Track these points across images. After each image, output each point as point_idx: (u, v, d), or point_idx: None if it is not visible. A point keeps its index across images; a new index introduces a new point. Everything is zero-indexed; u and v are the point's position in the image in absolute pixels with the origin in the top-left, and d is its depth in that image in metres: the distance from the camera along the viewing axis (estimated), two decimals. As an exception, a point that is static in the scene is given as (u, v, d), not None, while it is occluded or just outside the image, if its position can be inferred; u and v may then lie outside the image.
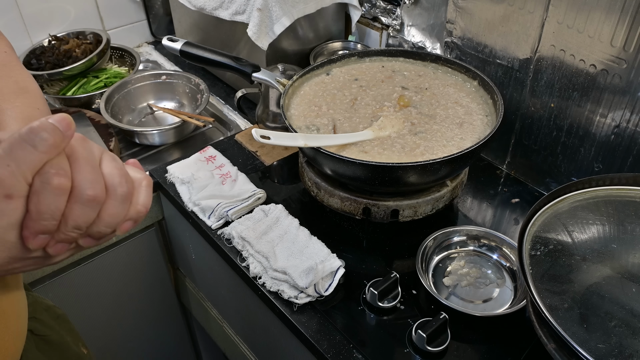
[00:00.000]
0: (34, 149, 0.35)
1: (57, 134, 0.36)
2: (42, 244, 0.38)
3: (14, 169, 0.35)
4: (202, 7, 1.25)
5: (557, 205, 0.76)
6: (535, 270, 0.68)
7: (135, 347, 1.43)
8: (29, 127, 0.35)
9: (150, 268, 1.30)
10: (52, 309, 0.77)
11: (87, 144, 0.40)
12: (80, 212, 0.38)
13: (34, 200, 0.36)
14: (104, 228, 0.40)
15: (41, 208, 0.36)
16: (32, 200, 0.36)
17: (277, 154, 1.13)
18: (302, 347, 0.82)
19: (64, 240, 0.39)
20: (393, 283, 0.82)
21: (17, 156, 0.35)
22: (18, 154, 0.35)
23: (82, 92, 1.35)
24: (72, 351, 0.76)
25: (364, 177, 0.84)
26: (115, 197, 0.40)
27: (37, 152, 0.35)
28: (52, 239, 0.39)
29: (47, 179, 0.36)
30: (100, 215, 0.39)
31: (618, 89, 0.86)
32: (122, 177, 0.40)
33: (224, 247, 0.93)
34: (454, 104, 0.97)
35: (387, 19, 1.26)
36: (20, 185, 0.35)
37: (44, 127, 0.35)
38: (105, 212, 0.40)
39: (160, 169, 1.10)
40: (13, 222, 0.37)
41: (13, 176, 0.35)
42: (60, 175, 0.36)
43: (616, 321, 0.62)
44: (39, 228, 0.37)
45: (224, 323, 1.23)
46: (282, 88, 0.99)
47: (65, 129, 0.36)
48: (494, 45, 1.02)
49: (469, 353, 0.77)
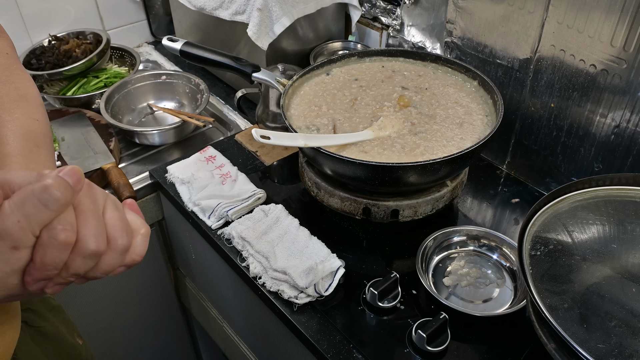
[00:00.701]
0: (46, 207, 0.36)
1: (68, 192, 0.37)
2: (42, 287, 0.40)
3: (24, 224, 0.36)
4: (202, 7, 1.25)
5: (557, 205, 0.76)
6: (535, 270, 0.68)
7: (135, 347, 1.43)
8: (43, 185, 0.36)
9: (150, 268, 1.30)
10: (47, 299, 0.78)
11: (93, 192, 0.41)
12: (81, 263, 0.39)
13: (39, 252, 0.37)
14: (100, 274, 0.42)
15: (46, 260, 0.38)
16: (37, 252, 0.37)
17: (277, 154, 1.13)
18: (302, 347, 0.82)
19: (61, 283, 0.41)
20: (393, 283, 0.82)
21: (28, 213, 0.36)
22: (29, 210, 0.36)
23: (82, 92, 1.35)
24: (67, 342, 0.76)
25: (364, 177, 0.84)
26: (116, 250, 0.41)
27: (48, 210, 0.36)
28: (51, 281, 0.40)
29: (54, 235, 0.37)
30: (98, 264, 0.41)
31: (618, 89, 0.86)
32: (123, 229, 0.42)
33: (224, 247, 0.93)
34: (454, 104, 0.97)
35: (387, 19, 1.26)
36: (28, 239, 0.37)
37: (58, 186, 0.36)
38: (103, 262, 0.41)
39: (160, 169, 1.10)
40: (17, 269, 0.38)
41: (22, 231, 0.36)
42: (67, 231, 0.37)
43: (616, 321, 0.62)
44: (41, 276, 0.38)
45: (224, 323, 1.23)
46: (282, 88, 0.99)
47: (76, 184, 0.37)
48: (494, 45, 1.02)
49: (469, 353, 0.77)
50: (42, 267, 0.38)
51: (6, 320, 0.57)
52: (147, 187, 1.14)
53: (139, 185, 1.13)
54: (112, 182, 1.07)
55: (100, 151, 1.14)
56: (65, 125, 1.20)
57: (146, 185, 1.13)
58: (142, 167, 1.20)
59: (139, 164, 1.21)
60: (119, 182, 1.06)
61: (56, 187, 0.36)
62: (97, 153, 1.13)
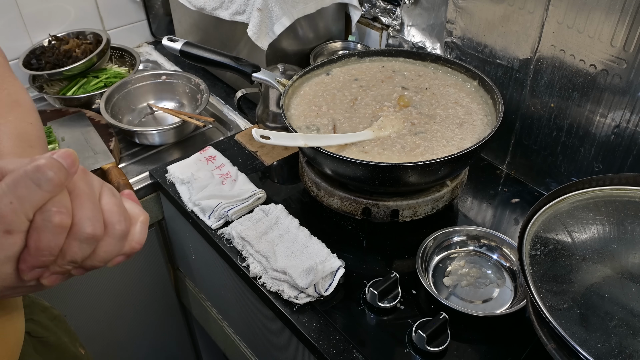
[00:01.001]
0: (39, 188, 0.35)
1: (62, 173, 0.35)
2: (38, 276, 0.39)
3: (17, 206, 0.34)
4: (202, 7, 1.25)
5: (557, 205, 0.76)
6: (535, 270, 0.68)
7: (135, 347, 1.43)
8: (35, 165, 0.35)
9: (150, 268, 1.30)
10: (49, 310, 0.77)
11: (88, 177, 0.40)
12: (77, 248, 0.38)
13: (33, 237, 0.36)
14: (98, 262, 0.41)
15: (40, 245, 0.36)
16: (31, 237, 0.36)
17: (277, 154, 1.13)
18: (302, 347, 0.82)
19: (58, 272, 0.39)
20: (393, 283, 0.82)
21: (21, 194, 0.34)
22: (22, 191, 0.34)
23: (82, 92, 1.35)
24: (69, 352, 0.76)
25: (364, 177, 0.84)
26: (113, 235, 0.40)
27: (41, 191, 0.35)
28: (47, 270, 0.39)
29: (48, 217, 0.36)
30: (96, 251, 0.40)
31: (618, 89, 0.86)
32: (120, 214, 0.41)
33: (224, 247, 0.93)
34: (454, 104, 0.97)
35: (387, 19, 1.26)
36: (21, 222, 0.35)
37: (50, 165, 0.35)
38: (101, 248, 0.40)
39: (160, 169, 1.10)
40: (10, 256, 0.36)
41: (14, 213, 0.35)
42: (61, 214, 0.36)
43: (616, 321, 0.62)
44: (36, 263, 0.37)
45: (224, 323, 1.23)
46: (282, 88, 0.99)
47: (70, 166, 0.36)
48: (494, 45, 1.02)
49: (469, 353, 0.77)
50: (36, 252, 0.36)
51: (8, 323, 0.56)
52: (147, 187, 1.14)
53: (139, 185, 1.13)
54: (112, 182, 1.07)
55: (100, 151, 1.14)
56: (65, 125, 1.20)
57: (146, 185, 1.13)
58: (142, 167, 1.20)
59: (139, 164, 1.21)
60: (119, 182, 1.06)
61: (49, 166, 0.35)
62: (97, 153, 1.13)
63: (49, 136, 1.15)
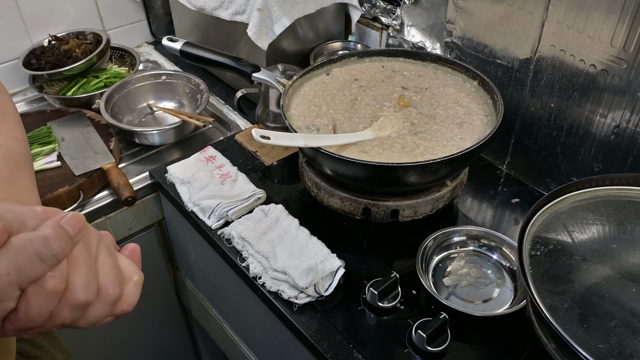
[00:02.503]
0: (42, 263, 0.32)
1: (68, 246, 0.33)
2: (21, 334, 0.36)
3: (14, 278, 0.32)
4: (202, 7, 1.25)
5: (557, 205, 0.76)
6: (535, 270, 0.68)
7: (135, 347, 1.43)
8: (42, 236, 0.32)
9: (150, 268, 1.30)
10: None
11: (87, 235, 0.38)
12: (68, 314, 0.36)
13: (25, 301, 0.34)
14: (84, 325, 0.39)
15: (32, 311, 0.34)
16: (23, 301, 0.34)
17: (277, 154, 1.13)
18: (302, 347, 0.82)
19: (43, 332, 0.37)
20: (393, 283, 0.82)
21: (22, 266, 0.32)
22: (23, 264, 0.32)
23: (82, 92, 1.34)
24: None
25: (364, 177, 0.84)
26: (106, 301, 0.38)
27: (44, 266, 0.33)
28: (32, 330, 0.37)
29: (42, 282, 0.34)
30: (85, 315, 0.38)
31: (618, 89, 0.86)
32: (115, 278, 0.39)
33: (224, 247, 0.93)
34: (454, 104, 0.97)
35: (387, 19, 1.26)
36: (14, 293, 0.33)
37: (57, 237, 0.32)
38: (91, 312, 0.38)
39: (160, 169, 1.10)
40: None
41: (9, 285, 0.32)
42: (55, 278, 0.34)
43: (616, 321, 0.62)
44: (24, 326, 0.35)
45: (224, 323, 1.23)
46: (282, 88, 0.99)
47: (76, 235, 0.34)
48: (494, 45, 1.02)
49: (469, 353, 0.77)
50: (26, 317, 0.34)
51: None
52: (147, 187, 1.14)
53: (139, 185, 1.13)
54: (112, 182, 1.07)
55: (100, 151, 1.14)
56: (65, 125, 1.20)
57: (146, 185, 1.13)
58: (142, 167, 1.20)
59: (139, 164, 1.21)
60: (119, 182, 1.06)
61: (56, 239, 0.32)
62: (97, 153, 1.13)
63: (49, 136, 1.15)
